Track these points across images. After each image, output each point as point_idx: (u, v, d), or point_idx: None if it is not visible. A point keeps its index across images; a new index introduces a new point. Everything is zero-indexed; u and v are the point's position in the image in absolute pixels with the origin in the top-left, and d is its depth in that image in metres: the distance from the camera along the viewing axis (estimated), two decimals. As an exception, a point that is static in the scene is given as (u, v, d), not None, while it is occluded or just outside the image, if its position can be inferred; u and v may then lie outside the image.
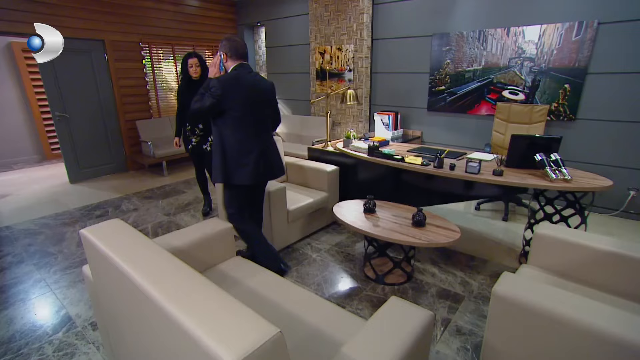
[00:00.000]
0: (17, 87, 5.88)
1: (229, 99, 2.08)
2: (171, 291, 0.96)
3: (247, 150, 2.17)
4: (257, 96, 2.19)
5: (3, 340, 1.98)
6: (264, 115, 2.26)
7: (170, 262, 1.11)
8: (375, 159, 2.95)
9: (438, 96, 4.25)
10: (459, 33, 3.93)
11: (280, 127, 5.74)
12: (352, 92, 3.56)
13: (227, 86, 2.07)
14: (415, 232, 2.24)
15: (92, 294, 1.62)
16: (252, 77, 2.18)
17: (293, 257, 2.82)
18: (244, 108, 2.13)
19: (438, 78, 4.19)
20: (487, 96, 3.92)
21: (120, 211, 3.85)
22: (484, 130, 3.99)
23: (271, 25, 5.81)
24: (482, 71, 3.88)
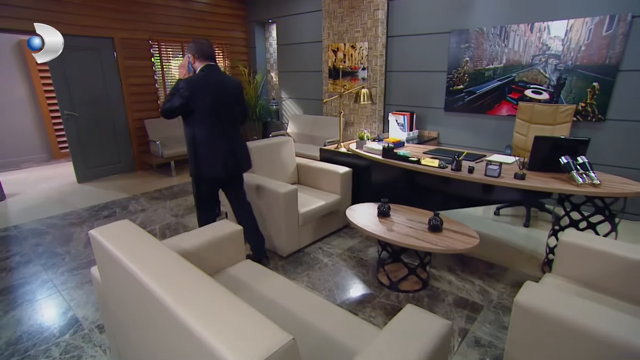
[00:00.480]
0: (26, 85, 6.04)
1: (197, 99, 2.24)
2: (181, 294, 0.97)
3: (216, 146, 2.36)
4: (224, 95, 2.36)
5: (10, 341, 2.03)
6: (231, 113, 2.43)
7: (180, 265, 1.12)
8: (390, 161, 2.94)
9: (456, 96, 4.21)
10: (478, 29, 3.89)
11: (291, 127, 5.77)
12: (366, 91, 3.55)
13: (194, 87, 2.24)
14: (431, 237, 2.22)
15: (100, 295, 1.65)
16: (219, 77, 2.36)
17: (304, 262, 2.83)
18: (211, 107, 2.30)
19: (456, 77, 4.15)
20: (508, 96, 3.86)
21: (127, 212, 3.92)
22: (505, 132, 3.94)
23: (283, 22, 5.84)
24: (503, 69, 3.83)
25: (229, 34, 6.34)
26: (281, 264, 2.81)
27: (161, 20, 5.40)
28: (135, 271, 1.09)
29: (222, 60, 6.29)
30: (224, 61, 6.31)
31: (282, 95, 6.30)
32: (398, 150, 3.10)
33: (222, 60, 6.29)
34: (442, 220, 2.31)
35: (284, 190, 2.69)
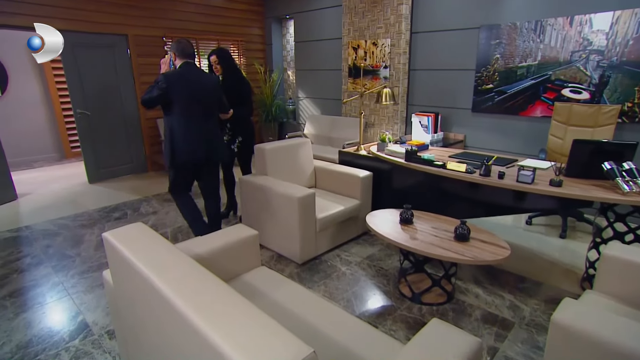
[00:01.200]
0: (40, 83, 6.28)
1: (173, 91, 2.63)
2: (197, 302, 0.98)
3: (191, 135, 2.73)
4: (199, 89, 2.74)
5: (21, 344, 2.10)
6: (206, 106, 2.80)
7: (195, 271, 1.13)
8: (413, 165, 2.92)
9: (485, 95, 4.14)
10: (511, 24, 3.82)
11: (308, 128, 5.79)
12: (388, 91, 3.54)
13: (171, 80, 2.63)
14: (457, 247, 2.19)
15: (111, 300, 1.69)
16: (196, 73, 2.76)
17: (321, 270, 2.82)
18: (187, 99, 2.68)
19: (485, 75, 4.09)
20: (542, 95, 3.78)
21: (139, 214, 4.01)
22: (538, 135, 3.85)
23: (301, 18, 5.89)
24: (538, 67, 3.75)
25: (245, 30, 6.43)
26: (297, 271, 2.82)
27: (176, 17, 5.52)
28: (149, 276, 1.11)
29: (238, 58, 6.38)
30: (239, 59, 6.40)
31: (299, 94, 6.34)
32: (422, 154, 3.07)
33: (237, 58, 6.38)
34: (469, 228, 2.28)
35: (300, 195, 2.69)
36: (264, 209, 3.03)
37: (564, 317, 1.30)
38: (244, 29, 6.42)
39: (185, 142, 2.71)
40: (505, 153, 4.02)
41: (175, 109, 2.67)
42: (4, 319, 2.31)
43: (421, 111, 4.49)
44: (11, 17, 4.22)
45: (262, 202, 3.03)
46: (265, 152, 3.18)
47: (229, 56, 3.44)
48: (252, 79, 6.62)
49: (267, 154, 3.18)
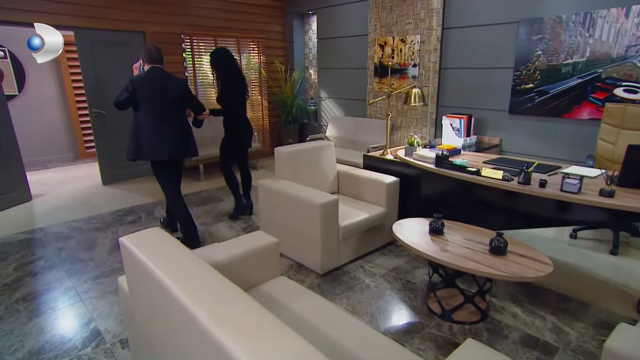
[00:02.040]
0: (56, 81, 6.54)
1: (139, 94, 3.06)
2: (218, 313, 0.99)
3: (155, 134, 3.13)
4: (164, 92, 3.16)
5: (33, 350, 2.17)
6: (171, 106, 3.20)
7: (216, 280, 1.15)
8: (444, 171, 2.88)
9: (524, 96, 4.06)
10: (555, 17, 3.73)
11: (330, 130, 5.81)
12: (417, 91, 3.51)
13: (137, 84, 3.07)
14: (493, 260, 2.14)
15: (125, 307, 1.73)
16: (161, 77, 3.18)
17: (343, 281, 2.82)
18: (152, 101, 3.10)
19: (525, 74, 4.01)
20: (591, 95, 3.66)
21: (153, 218, 4.10)
22: (586, 139, 3.74)
23: (324, 13, 5.93)
24: (586, 64, 3.64)
25: (266, 27, 6.53)
26: (317, 282, 2.82)
27: (194, 13, 5.66)
28: (167, 284, 1.13)
29: (257, 55, 6.48)
30: (258, 57, 6.49)
31: (321, 94, 6.37)
32: (454, 159, 3.03)
33: (256, 56, 6.47)
34: (506, 241, 2.23)
35: (323, 201, 2.70)
36: (283, 215, 3.05)
37: (620, 344, 1.24)
38: (264, 25, 6.51)
39: (150, 139, 3.13)
40: (547, 159, 3.92)
41: (142, 109, 3.11)
42: (17, 323, 2.40)
43: (452, 113, 4.43)
44: (31, 15, 4.42)
45: (281, 208, 3.05)
46: (285, 155, 3.20)
47: (213, 58, 3.71)
48: (272, 78, 6.72)
49: (287, 158, 3.20)
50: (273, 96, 6.85)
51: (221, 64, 3.70)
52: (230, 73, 3.73)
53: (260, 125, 6.85)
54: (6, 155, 4.36)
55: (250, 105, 6.64)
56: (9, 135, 4.38)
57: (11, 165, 4.42)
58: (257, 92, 6.67)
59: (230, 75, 3.74)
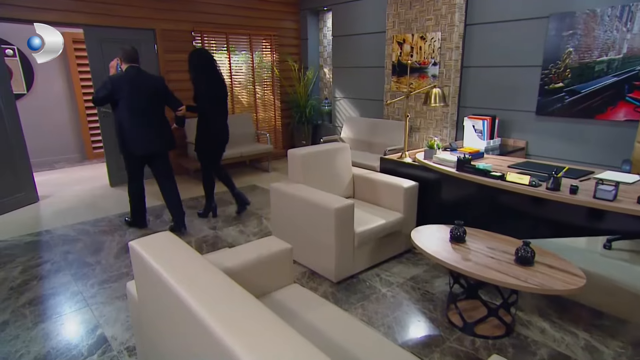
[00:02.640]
0: (65, 80, 6.68)
1: (118, 92, 3.41)
2: (231, 322, 1.00)
3: (135, 128, 3.51)
4: (142, 90, 3.50)
5: (39, 356, 2.21)
6: (149, 103, 3.54)
7: (229, 288, 1.16)
8: (466, 175, 2.85)
9: (553, 96, 3.99)
10: (589, 11, 3.67)
11: (345, 132, 5.80)
12: (438, 91, 3.49)
13: (115, 82, 3.42)
14: (519, 271, 2.11)
15: (134, 314, 1.75)
16: (138, 75, 3.51)
17: (358, 290, 2.80)
18: (131, 98, 3.45)
19: (554, 72, 3.95)
20: (627, 95, 3.59)
21: (161, 221, 4.15)
22: (621, 142, 3.66)
23: (340, 9, 5.95)
24: (623, 61, 3.57)
25: (279, 24, 6.57)
26: (331, 290, 2.81)
27: (205, 10, 5.73)
28: (179, 291, 1.14)
29: (270, 54, 6.52)
30: (271, 55, 6.54)
31: (336, 94, 6.38)
32: (476, 163, 3.00)
33: (269, 54, 6.52)
34: (533, 251, 2.19)
35: (338, 205, 2.70)
36: (296, 220, 3.06)
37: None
38: (277, 22, 6.56)
39: (132, 134, 3.52)
40: (578, 164, 3.86)
41: (122, 107, 3.46)
42: (23, 328, 2.45)
43: (475, 114, 4.39)
44: (40, 12, 4.54)
45: (294, 213, 3.06)
46: (298, 157, 3.21)
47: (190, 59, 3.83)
48: (284, 77, 6.76)
49: (301, 160, 3.21)
50: (286, 96, 6.89)
51: (199, 65, 3.82)
52: (208, 76, 3.85)
53: (272, 126, 6.90)
54: (14, 155, 4.47)
55: (262, 105, 6.69)
56: (18, 135, 4.49)
57: (19, 166, 4.53)
58: (269, 91, 6.72)
59: (208, 78, 3.85)
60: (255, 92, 6.54)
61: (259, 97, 6.62)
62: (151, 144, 3.61)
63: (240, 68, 6.28)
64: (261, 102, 6.68)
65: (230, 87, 6.19)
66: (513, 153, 4.11)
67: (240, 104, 6.42)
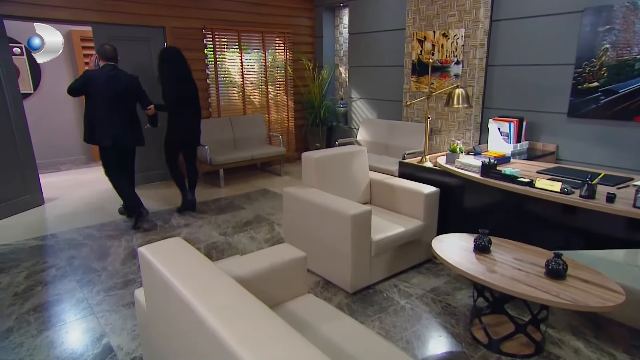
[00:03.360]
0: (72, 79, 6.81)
1: (90, 86, 3.83)
2: (245, 333, 1.00)
3: (103, 122, 3.91)
4: (112, 86, 3.89)
5: (43, 364, 2.25)
6: (119, 100, 3.93)
7: (242, 297, 1.16)
8: (491, 181, 2.82)
9: (587, 96, 3.92)
10: (629, 4, 3.60)
11: (361, 134, 5.80)
12: (461, 91, 3.46)
13: (89, 76, 3.83)
14: (550, 285, 2.07)
15: (142, 323, 1.77)
16: (110, 73, 3.90)
17: (375, 302, 2.78)
18: (102, 93, 3.85)
19: (588, 71, 3.88)
20: (669, 96, 3.51)
21: (169, 226, 4.19)
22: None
23: (357, 5, 5.96)
24: (664, 59, 3.49)
25: (293, 21, 6.61)
26: (347, 302, 2.80)
27: (216, 7, 5.80)
28: (190, 299, 1.14)
29: (283, 52, 6.56)
30: (284, 53, 6.58)
31: (352, 94, 6.38)
32: (502, 168, 2.96)
33: (282, 53, 6.56)
34: (565, 263, 2.14)
35: (354, 212, 2.69)
36: (309, 226, 3.05)
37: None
38: (291, 19, 6.60)
39: (100, 126, 3.92)
40: (615, 169, 3.78)
41: (93, 99, 3.88)
42: (27, 335, 2.49)
43: (501, 116, 4.34)
44: (48, 10, 4.64)
45: (307, 219, 3.05)
46: (313, 161, 3.21)
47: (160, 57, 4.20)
48: (298, 76, 6.79)
49: (316, 164, 3.21)
50: (299, 96, 6.91)
51: (166, 64, 4.14)
52: (174, 75, 4.15)
53: (285, 128, 6.93)
54: (21, 157, 4.57)
55: (275, 106, 6.73)
56: (24, 135, 4.59)
57: (25, 167, 4.63)
58: (282, 91, 6.75)
59: (174, 77, 4.16)
60: (267, 92, 6.58)
61: (272, 97, 6.66)
62: (119, 138, 3.98)
63: (253, 67, 6.33)
64: (274, 102, 6.72)
65: (242, 87, 6.25)
66: (542, 158, 4.05)
67: (252, 105, 6.47)
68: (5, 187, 4.44)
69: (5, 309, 2.75)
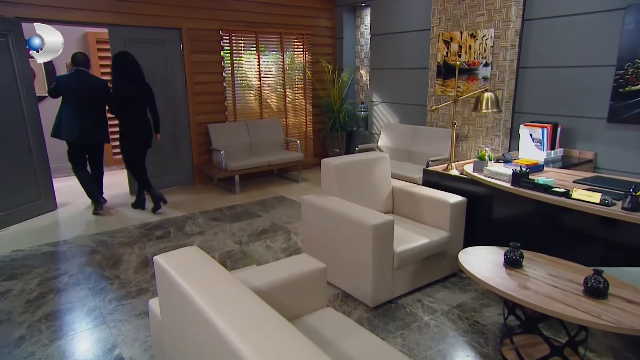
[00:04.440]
0: (87, 82, 6.98)
1: (61, 88, 4.54)
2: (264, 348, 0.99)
3: (72, 120, 4.57)
4: (83, 89, 4.58)
5: (54, 374, 2.27)
6: (86, 101, 4.61)
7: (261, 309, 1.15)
8: (523, 191, 2.77)
9: (629, 100, 3.83)
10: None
11: (383, 140, 5.77)
12: (490, 95, 3.41)
13: (60, 80, 4.56)
14: (589, 304, 2.00)
15: (155, 334, 1.77)
16: (80, 77, 4.60)
17: (397, 317, 2.75)
18: (71, 95, 4.55)
19: (632, 73, 3.78)
20: None
21: (183, 233, 4.23)
22: None
23: (379, 5, 5.96)
24: None
25: (312, 22, 6.65)
26: (367, 316, 2.77)
27: (235, 7, 5.88)
28: (207, 311, 1.14)
29: (302, 54, 6.60)
30: (303, 55, 6.61)
31: (374, 98, 6.37)
32: (535, 177, 2.90)
33: (301, 55, 6.59)
34: (607, 281, 2.07)
35: (376, 222, 2.66)
36: (328, 236, 3.04)
37: None
38: (311, 20, 6.64)
39: (66, 124, 4.56)
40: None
41: (64, 100, 4.58)
42: (39, 344, 2.53)
43: (533, 121, 4.26)
44: (64, 12, 4.77)
45: (326, 228, 3.04)
46: (333, 168, 3.20)
47: (112, 61, 4.58)
48: (317, 79, 6.81)
49: (336, 171, 3.20)
50: (318, 100, 6.93)
51: (118, 68, 4.52)
52: (118, 76, 4.52)
53: (303, 133, 6.95)
54: (35, 161, 4.68)
55: (293, 110, 6.76)
56: (39, 139, 4.71)
57: (39, 172, 4.75)
58: (300, 95, 6.79)
59: (118, 78, 4.53)
60: (285, 96, 6.62)
61: (289, 101, 6.69)
62: (84, 135, 4.61)
63: (270, 70, 6.38)
64: (291, 106, 6.75)
65: (259, 90, 6.30)
66: (579, 166, 3.97)
67: (269, 109, 6.51)
68: (20, 192, 4.56)
69: (17, 317, 2.81)
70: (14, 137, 4.47)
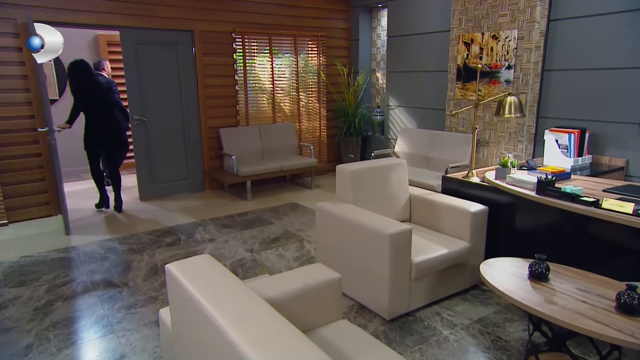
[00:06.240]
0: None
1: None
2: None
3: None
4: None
5: (61, 384, 2.29)
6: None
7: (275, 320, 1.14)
8: (548, 200, 2.73)
9: (657, 106, 3.76)
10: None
11: (399, 145, 5.75)
12: (514, 99, 3.38)
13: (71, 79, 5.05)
14: (622, 322, 1.95)
15: (165, 344, 1.78)
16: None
17: (415, 331, 2.72)
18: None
19: (659, 78, 3.72)
20: None
21: (193, 240, 4.25)
22: None
23: (397, 6, 5.96)
24: None
25: (327, 23, 6.68)
26: (383, 329, 2.75)
27: (247, 9, 5.93)
28: (220, 323, 1.14)
29: (316, 56, 6.62)
30: (317, 58, 6.64)
31: (390, 102, 6.36)
32: (561, 185, 2.86)
33: (315, 57, 6.62)
34: (640, 296, 2.03)
35: (393, 231, 2.65)
36: (343, 245, 3.03)
37: None
38: (325, 21, 6.67)
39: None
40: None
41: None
42: (46, 353, 2.55)
43: (559, 126, 4.21)
44: (75, 14, 4.87)
45: (341, 237, 3.03)
46: (348, 174, 3.20)
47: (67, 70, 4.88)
48: (332, 82, 6.83)
49: (351, 177, 3.19)
50: (333, 104, 6.95)
51: (73, 77, 4.82)
52: (74, 81, 4.84)
53: (317, 138, 6.96)
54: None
55: (306, 114, 6.78)
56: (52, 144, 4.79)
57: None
58: (314, 99, 6.80)
59: (75, 83, 4.85)
60: (299, 100, 6.65)
61: (303, 104, 6.72)
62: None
63: (284, 72, 6.41)
64: (305, 110, 6.77)
65: (271, 93, 6.33)
66: (609, 174, 3.90)
67: (282, 113, 6.54)
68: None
69: (25, 324, 2.85)
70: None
